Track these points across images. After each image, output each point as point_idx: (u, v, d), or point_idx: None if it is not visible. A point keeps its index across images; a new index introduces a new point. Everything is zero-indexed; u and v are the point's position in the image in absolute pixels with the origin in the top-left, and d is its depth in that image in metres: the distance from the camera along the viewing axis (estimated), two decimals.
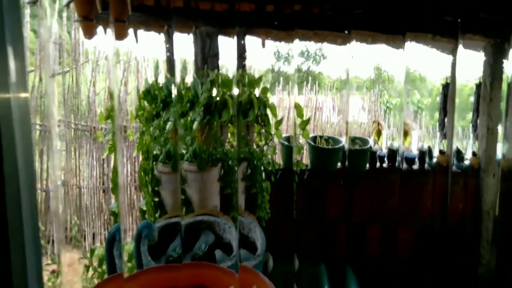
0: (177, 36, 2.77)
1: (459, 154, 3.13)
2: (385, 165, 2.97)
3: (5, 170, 0.49)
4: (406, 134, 3.21)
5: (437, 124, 3.39)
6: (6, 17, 0.45)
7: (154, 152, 1.79)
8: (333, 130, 4.54)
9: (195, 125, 1.68)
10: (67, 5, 2.80)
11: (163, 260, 1.26)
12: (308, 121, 2.19)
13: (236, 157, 1.79)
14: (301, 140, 3.32)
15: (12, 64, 0.47)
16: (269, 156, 2.03)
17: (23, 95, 0.49)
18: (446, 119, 3.27)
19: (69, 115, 4.32)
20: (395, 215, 2.95)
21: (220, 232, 1.41)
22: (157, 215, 1.78)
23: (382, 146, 3.17)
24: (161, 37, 2.71)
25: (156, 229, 1.32)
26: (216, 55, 2.47)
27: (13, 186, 0.51)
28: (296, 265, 2.42)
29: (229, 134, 2.03)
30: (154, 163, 1.74)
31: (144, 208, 1.88)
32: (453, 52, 3.05)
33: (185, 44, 2.76)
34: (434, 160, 3.08)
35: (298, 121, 2.13)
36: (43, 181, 4.21)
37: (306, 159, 4.32)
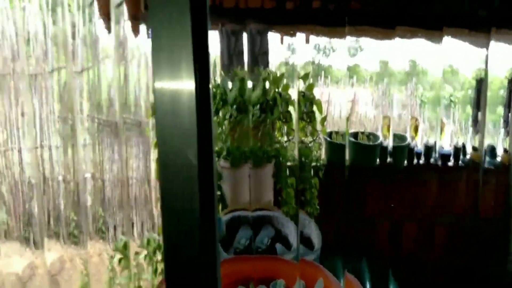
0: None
1: (493, 151, 3.11)
2: (422, 161, 2.97)
3: None
4: (441, 129, 3.21)
5: (470, 119, 3.36)
6: None
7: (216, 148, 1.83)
8: (371, 125, 4.47)
9: (250, 123, 1.72)
10: (119, 5, 2.87)
11: (231, 251, 1.31)
12: (325, 117, 2.22)
13: (286, 154, 1.83)
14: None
15: None
16: (316, 153, 2.06)
17: None
18: (479, 114, 3.26)
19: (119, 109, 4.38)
20: (432, 212, 2.95)
21: (278, 226, 1.44)
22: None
23: (418, 142, 3.16)
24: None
25: (224, 223, 1.36)
26: (265, 53, 2.51)
27: None
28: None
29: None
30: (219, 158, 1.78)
31: None
32: (486, 45, 3.04)
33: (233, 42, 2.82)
34: (468, 156, 3.07)
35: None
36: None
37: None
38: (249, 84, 2.04)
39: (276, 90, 1.85)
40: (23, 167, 3.33)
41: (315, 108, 2.08)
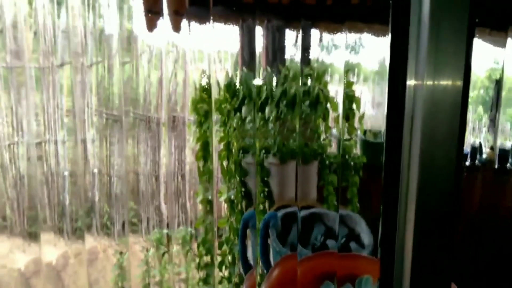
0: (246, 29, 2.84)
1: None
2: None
3: None
4: None
5: (484, 119, 3.36)
6: None
7: (242, 144, 1.87)
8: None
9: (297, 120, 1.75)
10: None
11: (287, 247, 1.35)
12: (363, 115, 2.24)
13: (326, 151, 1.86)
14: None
15: None
16: (355, 151, 2.08)
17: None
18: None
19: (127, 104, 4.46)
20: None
21: (329, 224, 1.47)
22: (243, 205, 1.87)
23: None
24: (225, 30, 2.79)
25: (279, 219, 1.40)
26: (306, 49, 2.52)
27: None
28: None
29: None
30: (242, 155, 1.82)
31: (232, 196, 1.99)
32: (503, 45, 3.02)
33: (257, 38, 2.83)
34: (484, 156, 3.08)
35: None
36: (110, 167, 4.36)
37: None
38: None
39: (319, 87, 1.87)
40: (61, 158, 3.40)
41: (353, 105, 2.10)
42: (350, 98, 2.04)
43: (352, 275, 1.11)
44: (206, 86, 2.11)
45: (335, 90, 2.05)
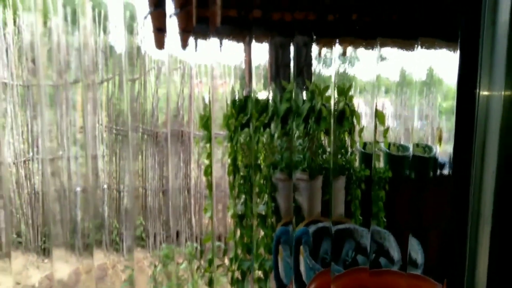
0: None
1: None
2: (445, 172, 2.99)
3: None
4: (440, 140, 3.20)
5: None
6: None
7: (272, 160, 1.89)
8: (393, 136, 4.48)
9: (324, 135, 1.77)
10: (146, 17, 2.98)
11: (319, 263, 1.35)
12: (387, 130, 2.27)
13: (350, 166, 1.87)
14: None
15: None
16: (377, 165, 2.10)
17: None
18: None
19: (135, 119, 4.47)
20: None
21: (358, 239, 1.48)
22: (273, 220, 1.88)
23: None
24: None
25: (311, 234, 1.41)
26: (309, 65, 2.56)
27: None
28: None
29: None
30: (273, 170, 1.84)
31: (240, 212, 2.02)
32: None
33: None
34: None
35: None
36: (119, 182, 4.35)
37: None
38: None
39: (345, 101, 1.90)
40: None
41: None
42: (374, 112, 2.06)
43: None
44: (238, 102, 2.14)
45: (357, 103, 2.08)
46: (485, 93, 0.55)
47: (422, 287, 1.17)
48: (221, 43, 2.94)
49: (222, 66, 4.25)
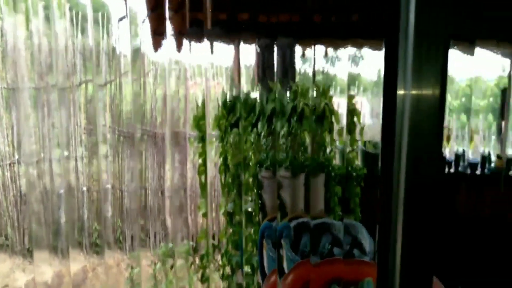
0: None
1: None
2: (452, 170, 3.07)
3: None
4: (470, 138, 3.31)
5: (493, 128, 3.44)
6: None
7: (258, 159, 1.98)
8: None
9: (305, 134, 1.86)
10: (143, 21, 3.07)
11: (298, 255, 1.45)
12: (363, 128, 2.37)
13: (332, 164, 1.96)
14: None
15: None
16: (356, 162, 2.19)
17: None
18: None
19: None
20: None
21: (335, 233, 1.57)
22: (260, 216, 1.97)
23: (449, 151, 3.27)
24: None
25: (292, 229, 1.50)
26: (293, 65, 2.66)
27: None
28: None
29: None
30: (259, 168, 1.93)
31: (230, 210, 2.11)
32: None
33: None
34: (493, 164, 3.15)
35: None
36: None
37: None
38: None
39: (325, 101, 1.99)
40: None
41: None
42: (352, 111, 2.15)
43: (355, 279, 1.22)
44: (229, 102, 2.23)
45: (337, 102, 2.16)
46: (401, 92, 0.63)
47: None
48: (212, 45, 3.05)
49: (215, 67, 4.34)
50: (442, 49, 0.60)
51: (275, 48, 2.83)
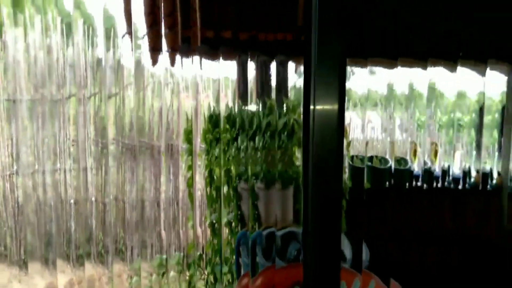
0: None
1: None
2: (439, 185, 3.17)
3: None
4: (435, 154, 3.38)
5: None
6: None
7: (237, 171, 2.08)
8: (381, 149, 4.50)
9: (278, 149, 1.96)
10: (143, 37, 3.20)
11: (270, 261, 1.56)
12: (349, 143, 2.47)
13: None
14: None
15: None
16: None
17: None
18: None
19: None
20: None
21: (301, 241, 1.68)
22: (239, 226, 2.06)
23: (436, 166, 3.35)
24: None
25: (264, 237, 1.61)
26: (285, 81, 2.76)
27: None
28: None
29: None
30: (238, 181, 2.03)
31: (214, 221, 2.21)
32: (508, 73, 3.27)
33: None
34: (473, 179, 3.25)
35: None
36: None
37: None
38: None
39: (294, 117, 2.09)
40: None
41: None
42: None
43: None
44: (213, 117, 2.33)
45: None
46: (312, 107, 0.73)
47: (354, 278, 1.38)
48: (201, 61, 3.18)
49: (204, 81, 4.45)
50: (338, 68, 0.70)
51: (272, 65, 2.93)
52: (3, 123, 3.43)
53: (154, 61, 3.28)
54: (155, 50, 3.14)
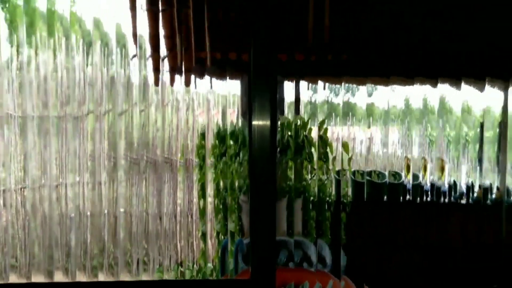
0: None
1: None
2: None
3: None
4: (442, 169, 3.44)
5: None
6: None
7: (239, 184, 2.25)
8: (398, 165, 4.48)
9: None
10: (163, 59, 3.44)
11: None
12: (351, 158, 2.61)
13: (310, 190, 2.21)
14: None
15: None
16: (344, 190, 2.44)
17: None
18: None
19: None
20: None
21: (291, 248, 1.83)
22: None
23: (445, 181, 3.40)
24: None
25: (245, 245, 1.77)
26: (282, 100, 2.93)
27: None
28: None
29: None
30: (240, 193, 2.19)
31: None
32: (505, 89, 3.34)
33: None
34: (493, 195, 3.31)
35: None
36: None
37: None
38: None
39: (304, 133, 2.25)
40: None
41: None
42: (324, 143, 2.40)
43: (297, 283, 1.48)
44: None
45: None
46: (255, 122, 0.88)
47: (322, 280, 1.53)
48: (211, 81, 3.40)
49: (215, 100, 4.64)
50: (271, 85, 0.85)
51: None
52: (35, 138, 3.61)
53: (173, 80, 3.51)
54: (173, 70, 3.38)
